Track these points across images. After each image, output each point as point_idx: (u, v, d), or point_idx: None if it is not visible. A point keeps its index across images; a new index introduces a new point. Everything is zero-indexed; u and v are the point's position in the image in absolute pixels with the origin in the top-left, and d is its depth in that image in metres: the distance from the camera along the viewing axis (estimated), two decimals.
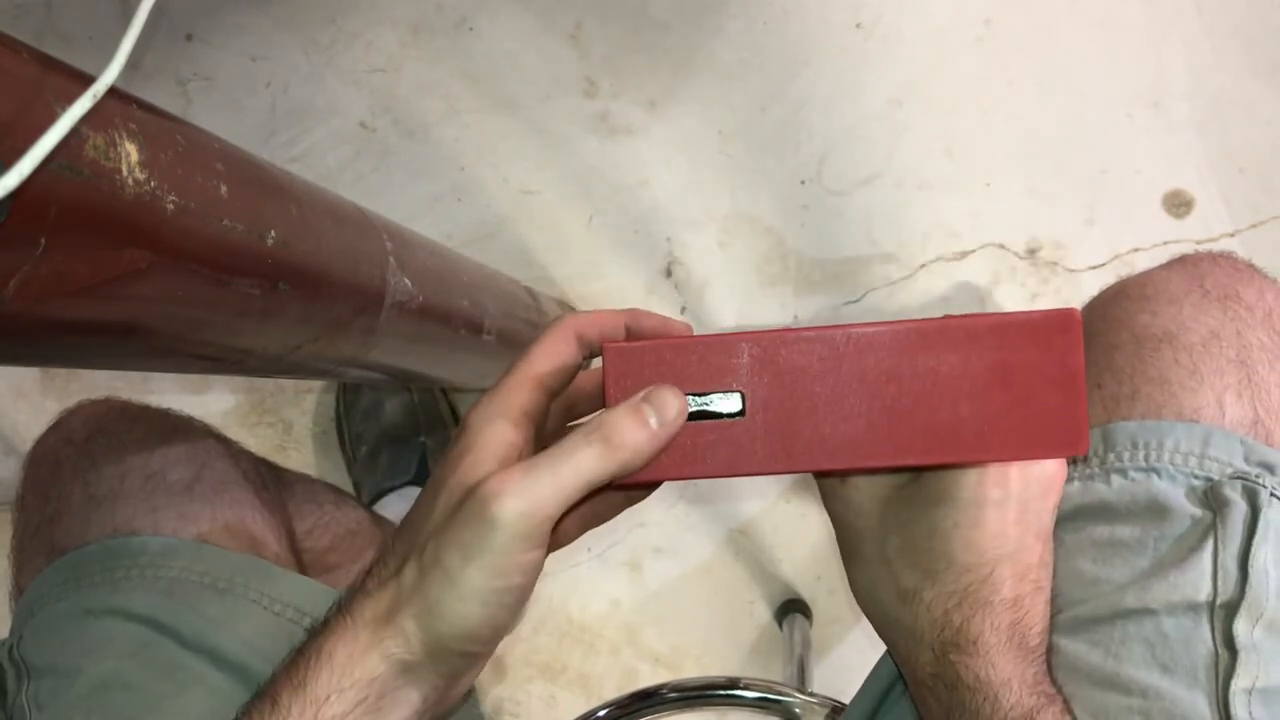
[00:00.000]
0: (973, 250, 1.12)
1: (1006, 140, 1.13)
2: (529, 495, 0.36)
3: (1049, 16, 1.14)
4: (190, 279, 0.44)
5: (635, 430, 0.38)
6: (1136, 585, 0.43)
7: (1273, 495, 0.44)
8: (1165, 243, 1.11)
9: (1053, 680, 0.41)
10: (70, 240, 0.36)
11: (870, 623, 0.45)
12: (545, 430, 0.43)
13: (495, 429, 0.39)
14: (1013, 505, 0.40)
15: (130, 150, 0.38)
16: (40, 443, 0.63)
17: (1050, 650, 0.42)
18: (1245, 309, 0.49)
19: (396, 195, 1.17)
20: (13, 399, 1.19)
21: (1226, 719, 0.40)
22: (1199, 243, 1.11)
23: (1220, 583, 0.42)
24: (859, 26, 1.15)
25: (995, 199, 1.12)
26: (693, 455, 0.39)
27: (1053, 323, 0.38)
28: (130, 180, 0.38)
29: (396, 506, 1.06)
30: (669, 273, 1.14)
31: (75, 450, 0.61)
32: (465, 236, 1.16)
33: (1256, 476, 0.44)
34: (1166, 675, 0.41)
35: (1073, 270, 1.11)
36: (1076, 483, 0.47)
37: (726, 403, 0.39)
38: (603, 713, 0.71)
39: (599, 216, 1.15)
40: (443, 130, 1.17)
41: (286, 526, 0.65)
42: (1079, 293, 1.10)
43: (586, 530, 0.44)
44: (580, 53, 1.17)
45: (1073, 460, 0.48)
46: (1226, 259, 0.53)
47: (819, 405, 0.39)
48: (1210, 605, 0.42)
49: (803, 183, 1.14)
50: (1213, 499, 0.44)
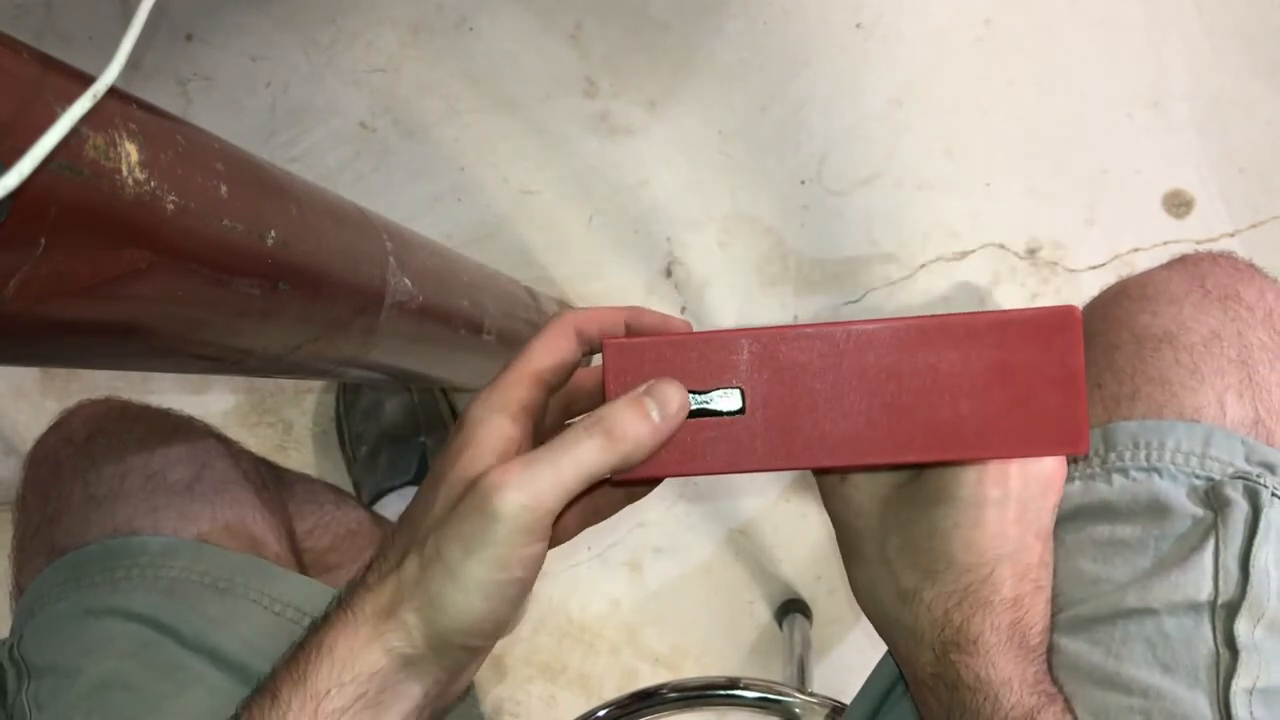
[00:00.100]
0: (973, 250, 1.12)
1: (1006, 140, 1.13)
2: (530, 488, 0.36)
3: (1049, 16, 1.13)
4: (190, 279, 0.44)
5: (637, 422, 0.37)
6: (1137, 585, 0.43)
7: (1274, 495, 0.44)
8: (1165, 243, 1.11)
9: (1053, 679, 0.41)
10: (70, 240, 0.36)
11: (870, 623, 0.45)
12: (544, 426, 0.43)
13: (494, 423, 0.39)
14: (1012, 505, 0.40)
15: (130, 150, 0.38)
16: (40, 443, 0.63)
17: (1051, 650, 0.42)
18: (1246, 309, 0.49)
19: (396, 195, 1.17)
20: (13, 399, 1.19)
21: (1227, 719, 0.40)
22: (1199, 243, 1.11)
23: (1221, 582, 0.42)
24: (859, 26, 1.15)
25: (995, 199, 1.12)
26: (692, 451, 0.39)
27: (1053, 320, 0.38)
28: (130, 180, 0.38)
29: (396, 506, 1.06)
30: (669, 273, 1.14)
31: (75, 450, 0.61)
32: (465, 236, 1.16)
33: (1258, 476, 0.44)
34: (1167, 675, 0.41)
35: (1073, 270, 1.11)
36: (1078, 482, 0.47)
37: (726, 399, 0.39)
38: (603, 713, 0.71)
39: (599, 216, 1.15)
40: (443, 130, 1.17)
41: (287, 526, 0.65)
42: (1079, 293, 1.10)
43: (586, 527, 0.44)
44: (580, 53, 1.17)
45: (1074, 460, 0.48)
46: (1227, 259, 0.52)
47: (819, 402, 0.39)
48: (1211, 605, 0.42)
49: (803, 183, 1.14)
50: (1214, 499, 0.44)
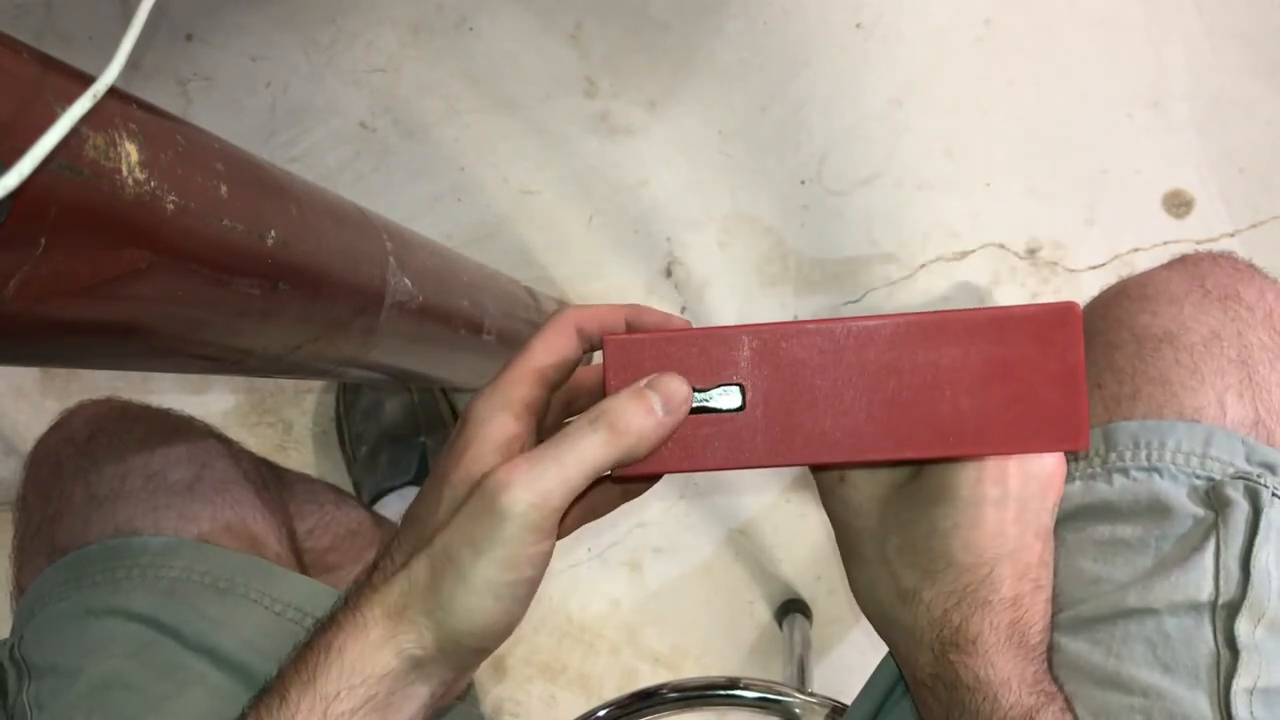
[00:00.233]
0: (973, 250, 1.12)
1: (1006, 140, 1.13)
2: (537, 486, 0.36)
3: (1049, 16, 1.13)
4: (190, 279, 0.44)
5: (641, 416, 0.37)
6: (1138, 585, 0.43)
7: (1274, 495, 0.44)
8: (1165, 243, 1.11)
9: (1054, 679, 0.41)
10: (70, 240, 0.36)
11: (870, 623, 0.45)
12: (545, 424, 0.42)
13: (497, 422, 0.39)
14: (1011, 504, 0.40)
15: (130, 150, 0.38)
16: (41, 443, 0.63)
17: (1052, 649, 0.42)
18: (1246, 309, 0.49)
19: (396, 195, 1.17)
20: (13, 399, 1.19)
21: (1228, 719, 0.40)
22: (1199, 243, 1.11)
23: (1222, 583, 0.42)
24: (859, 26, 1.15)
25: (995, 199, 1.12)
26: (692, 447, 0.39)
27: (1053, 316, 0.38)
28: (130, 180, 0.38)
29: (396, 506, 1.06)
30: (669, 273, 1.14)
31: (76, 450, 0.61)
32: (465, 236, 1.16)
33: (1258, 476, 0.44)
34: (1168, 675, 0.41)
35: (1073, 270, 1.11)
36: (1078, 482, 0.47)
37: (727, 396, 0.39)
38: (603, 713, 0.71)
39: (599, 216, 1.15)
40: (443, 130, 1.17)
41: (287, 526, 0.65)
42: (1079, 293, 1.10)
43: (584, 524, 0.44)
44: (580, 53, 1.17)
45: (1074, 459, 0.48)
46: (1227, 259, 0.53)
47: (819, 398, 0.39)
48: (1212, 605, 0.42)
49: (803, 183, 1.14)
50: (1214, 499, 0.44)
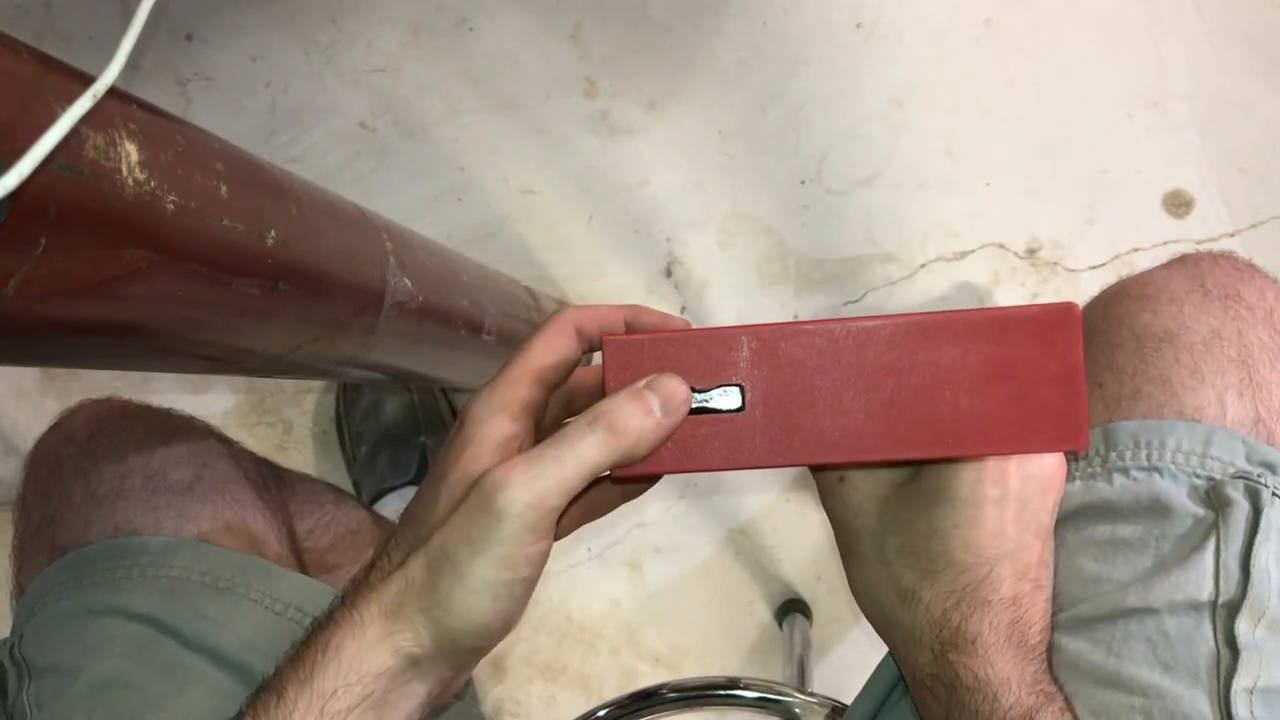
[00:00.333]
0: (973, 250, 1.12)
1: (1006, 140, 1.13)
2: (534, 486, 0.36)
3: (1049, 16, 1.13)
4: (190, 279, 0.44)
5: (639, 416, 0.37)
6: (1138, 584, 0.43)
7: (1274, 495, 0.44)
8: (1165, 243, 1.11)
9: (1053, 679, 0.41)
10: (70, 240, 0.36)
11: (870, 623, 0.45)
12: (544, 424, 0.42)
13: (495, 422, 0.39)
14: (1011, 504, 0.40)
15: (130, 150, 0.38)
16: (41, 442, 0.63)
17: (1052, 649, 0.42)
18: (1246, 308, 0.49)
19: (396, 195, 1.17)
20: (13, 399, 1.19)
21: (1228, 718, 0.40)
22: (1199, 243, 1.11)
23: (1222, 582, 0.42)
24: (859, 26, 1.15)
25: (995, 199, 1.12)
26: (691, 448, 0.39)
27: (1052, 316, 0.38)
28: (130, 180, 0.38)
29: (396, 506, 1.06)
30: (669, 272, 1.14)
31: (76, 450, 0.61)
32: (465, 236, 1.16)
33: (1258, 476, 0.44)
34: (1168, 674, 0.41)
35: (1073, 270, 1.11)
36: (1078, 482, 0.47)
37: (726, 396, 0.39)
38: (603, 713, 0.71)
39: (599, 216, 1.15)
40: (443, 130, 1.17)
41: (287, 526, 0.65)
42: (1079, 293, 1.10)
43: (582, 524, 0.44)
44: (580, 53, 1.17)
45: (1075, 459, 0.48)
46: (1227, 258, 0.52)
47: (818, 399, 0.39)
48: (1212, 605, 0.42)
49: (803, 183, 1.14)
50: (1215, 498, 0.44)
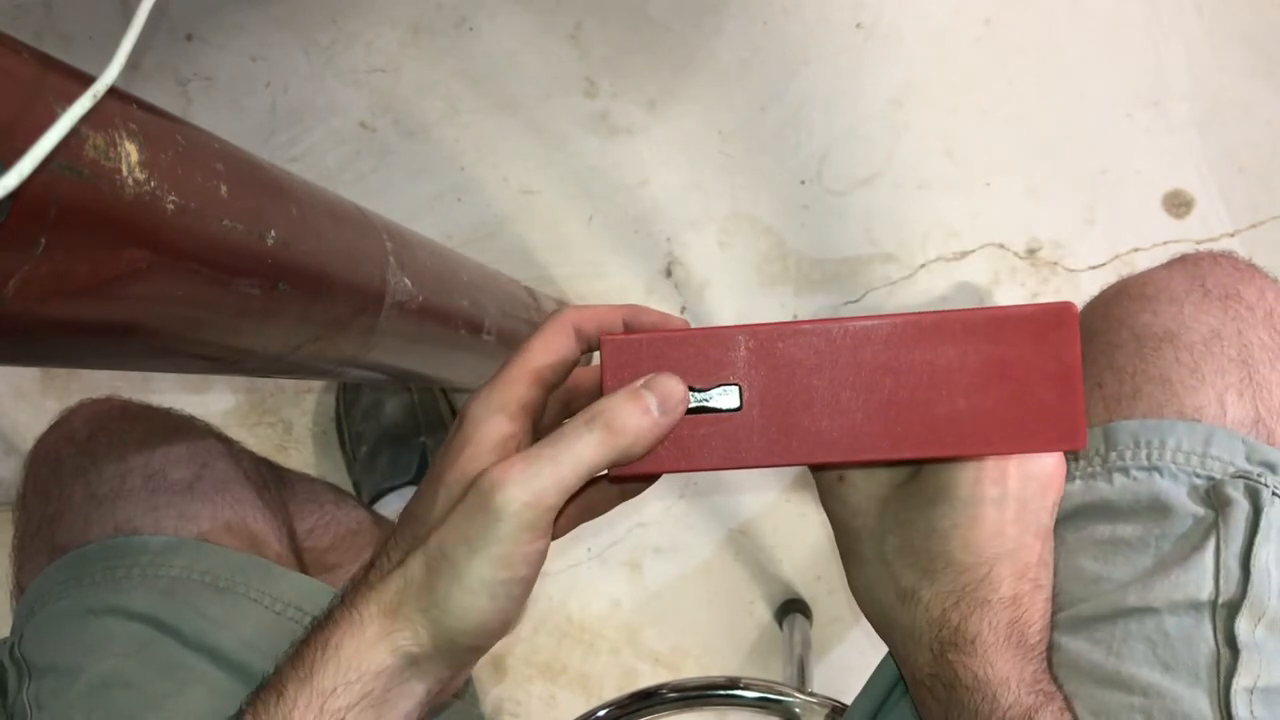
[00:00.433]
0: (972, 250, 1.12)
1: (1006, 140, 1.13)
2: (532, 485, 0.36)
3: (1049, 16, 1.14)
4: (190, 279, 0.44)
5: (636, 415, 0.37)
6: (1138, 584, 0.43)
7: (1274, 494, 0.44)
8: (1165, 243, 1.11)
9: (1053, 678, 0.41)
10: (70, 240, 0.36)
11: (869, 623, 0.45)
12: (542, 424, 0.42)
13: (493, 422, 0.39)
14: (1011, 504, 0.40)
15: (130, 150, 0.38)
16: (41, 442, 0.63)
17: (1051, 648, 0.42)
18: (1246, 308, 0.49)
19: (396, 195, 1.17)
20: (13, 399, 1.19)
21: (1228, 718, 0.40)
22: (1199, 243, 1.11)
23: (1222, 582, 0.42)
24: (859, 26, 1.15)
25: (995, 199, 1.12)
26: (690, 447, 0.39)
27: (1049, 316, 0.38)
28: (130, 180, 0.38)
29: (396, 506, 1.06)
30: (669, 272, 1.14)
31: (76, 449, 0.61)
32: (465, 236, 1.16)
33: (1258, 476, 0.44)
34: (1168, 674, 0.41)
35: (1073, 270, 1.11)
36: (1078, 481, 0.47)
37: (724, 396, 0.39)
38: (603, 713, 0.71)
39: (599, 216, 1.15)
40: (443, 130, 1.17)
41: (287, 526, 0.65)
42: (1079, 293, 1.10)
43: (580, 523, 0.44)
44: (580, 53, 1.17)
45: (1075, 459, 0.48)
46: (1227, 258, 0.53)
47: (816, 398, 0.39)
48: (1212, 604, 0.42)
49: (803, 183, 1.14)
50: (1215, 498, 0.44)
